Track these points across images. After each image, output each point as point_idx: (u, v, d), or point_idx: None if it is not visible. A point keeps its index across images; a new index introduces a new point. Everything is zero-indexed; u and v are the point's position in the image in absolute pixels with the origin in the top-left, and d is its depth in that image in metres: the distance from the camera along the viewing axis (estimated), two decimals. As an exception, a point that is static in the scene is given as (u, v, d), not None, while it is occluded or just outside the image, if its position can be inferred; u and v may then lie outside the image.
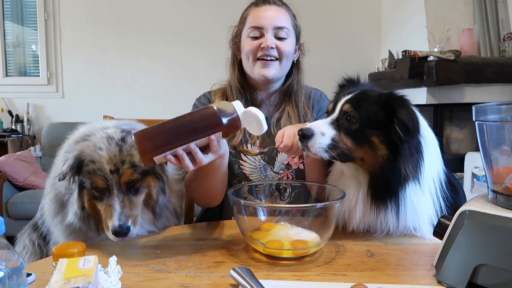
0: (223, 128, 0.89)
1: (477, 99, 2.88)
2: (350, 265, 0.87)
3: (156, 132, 0.88)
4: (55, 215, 1.07)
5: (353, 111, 0.94)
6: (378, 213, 0.96)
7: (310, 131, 0.95)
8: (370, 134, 0.93)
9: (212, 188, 1.16)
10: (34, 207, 2.03)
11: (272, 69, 1.24)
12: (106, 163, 0.95)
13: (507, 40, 3.21)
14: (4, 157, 3.19)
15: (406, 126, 0.89)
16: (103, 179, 0.94)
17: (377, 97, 0.96)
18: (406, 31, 3.66)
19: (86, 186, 0.97)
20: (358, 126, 0.94)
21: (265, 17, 1.22)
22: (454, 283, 0.74)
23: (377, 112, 0.93)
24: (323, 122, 0.98)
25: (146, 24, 4.07)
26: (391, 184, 0.93)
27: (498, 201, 0.76)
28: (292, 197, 1.25)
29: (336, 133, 0.96)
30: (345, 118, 0.96)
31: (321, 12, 3.97)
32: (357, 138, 0.94)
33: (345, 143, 0.95)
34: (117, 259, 0.75)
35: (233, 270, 0.75)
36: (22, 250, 1.29)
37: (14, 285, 0.52)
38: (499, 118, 0.77)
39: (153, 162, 0.89)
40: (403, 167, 0.92)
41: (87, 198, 0.98)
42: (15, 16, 4.17)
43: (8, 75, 4.17)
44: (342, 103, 0.97)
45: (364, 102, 0.96)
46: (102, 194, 0.96)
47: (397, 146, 0.91)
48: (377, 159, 0.93)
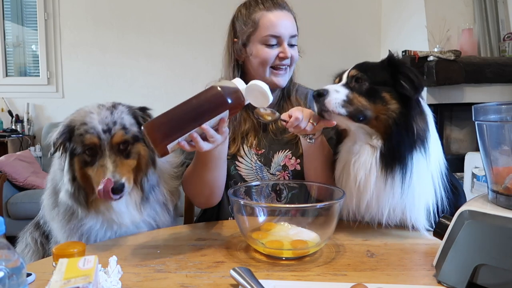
0: (230, 106, 0.89)
1: (477, 99, 2.88)
2: (350, 265, 0.87)
3: (165, 121, 0.88)
4: (53, 208, 1.08)
5: (361, 73, 1.00)
6: (387, 179, 0.97)
7: (325, 89, 0.98)
8: (381, 91, 0.98)
9: (211, 181, 1.16)
10: (34, 207, 2.03)
11: (284, 78, 1.26)
12: (98, 123, 0.97)
13: (507, 40, 3.21)
14: (4, 157, 3.19)
15: (411, 80, 0.96)
16: (96, 137, 0.96)
17: (379, 62, 1.04)
18: (406, 31, 3.66)
19: (77, 153, 0.98)
20: (368, 85, 0.99)
21: (282, 26, 1.20)
22: (454, 283, 0.74)
23: (383, 73, 1.00)
24: (335, 85, 1.01)
25: (146, 24, 4.07)
26: (403, 145, 0.96)
27: (498, 201, 0.76)
28: (289, 198, 1.25)
29: (349, 92, 0.99)
30: (354, 81, 1.01)
31: (321, 12, 3.97)
32: (369, 95, 0.98)
33: (359, 100, 0.98)
34: (117, 259, 0.75)
35: (233, 270, 0.75)
36: (24, 249, 1.29)
37: (14, 285, 0.52)
38: (499, 118, 0.78)
39: (167, 151, 0.88)
40: (414, 122, 0.96)
41: (78, 166, 0.99)
42: (15, 16, 4.17)
43: (8, 75, 4.17)
44: (347, 71, 1.03)
45: (368, 67, 1.02)
46: (93, 158, 0.97)
47: (407, 100, 0.97)
48: (390, 114, 0.97)
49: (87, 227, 1.05)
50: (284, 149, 1.29)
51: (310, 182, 1.15)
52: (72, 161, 1.00)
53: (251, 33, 1.23)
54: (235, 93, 0.90)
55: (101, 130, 0.97)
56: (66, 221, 1.06)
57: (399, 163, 0.96)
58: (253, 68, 1.27)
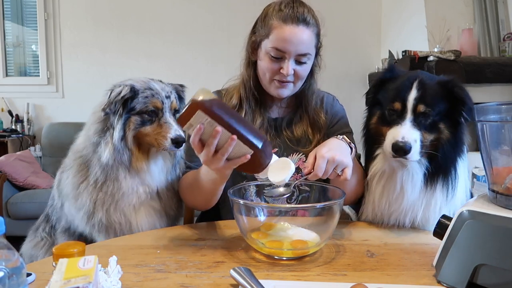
0: (256, 153, 0.90)
1: (477, 99, 2.84)
2: (350, 265, 0.87)
3: (221, 103, 0.96)
4: (80, 184, 1.13)
5: (428, 109, 1.00)
6: (433, 193, 1.04)
7: (408, 144, 0.97)
8: (439, 122, 1.02)
9: (207, 200, 1.16)
10: (34, 207, 2.05)
11: (287, 90, 1.24)
12: (161, 90, 1.13)
13: (507, 40, 3.21)
14: (4, 157, 3.19)
15: (471, 109, 0.99)
16: (160, 102, 1.10)
17: (440, 88, 1.03)
18: (406, 31, 3.66)
19: (136, 112, 1.09)
20: (431, 119, 1.02)
21: (290, 42, 1.15)
22: (454, 283, 0.74)
23: (444, 102, 1.02)
24: (408, 128, 1.00)
25: (146, 24, 4.06)
26: (450, 159, 1.03)
27: (498, 201, 0.76)
28: (299, 200, 1.24)
29: (420, 133, 1.00)
30: (421, 117, 1.01)
31: (321, 12, 3.96)
32: (431, 130, 1.02)
33: (426, 138, 1.01)
34: (117, 259, 0.75)
35: (233, 270, 0.75)
36: (39, 242, 1.31)
37: (14, 285, 0.52)
38: (499, 118, 0.78)
39: (191, 114, 0.86)
40: (464, 135, 1.04)
41: (132, 126, 1.09)
42: (15, 16, 4.17)
43: (8, 75, 4.17)
44: (412, 103, 1.00)
45: (432, 98, 1.02)
46: (153, 117, 1.10)
47: (457, 124, 1.02)
48: (442, 140, 1.02)
49: (122, 189, 1.11)
50: (298, 152, 1.28)
51: (321, 184, 1.11)
52: (127, 120, 1.09)
53: (263, 39, 1.20)
54: (268, 159, 0.92)
55: (164, 96, 1.12)
56: (99, 189, 1.11)
57: (445, 176, 1.03)
58: (259, 73, 1.26)
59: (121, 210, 1.12)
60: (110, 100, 1.07)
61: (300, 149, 1.29)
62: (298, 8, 1.17)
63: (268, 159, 0.92)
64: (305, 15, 1.17)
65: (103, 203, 1.11)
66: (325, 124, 1.31)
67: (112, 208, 1.11)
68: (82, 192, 1.12)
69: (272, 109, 1.33)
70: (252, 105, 1.28)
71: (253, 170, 0.95)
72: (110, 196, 1.11)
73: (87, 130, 1.15)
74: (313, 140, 1.28)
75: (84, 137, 1.17)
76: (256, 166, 0.93)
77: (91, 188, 1.11)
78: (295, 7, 1.17)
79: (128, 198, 1.12)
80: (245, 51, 1.30)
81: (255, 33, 1.26)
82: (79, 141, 1.19)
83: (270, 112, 1.32)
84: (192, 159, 1.25)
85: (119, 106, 1.08)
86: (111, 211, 1.11)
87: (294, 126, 1.30)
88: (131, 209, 1.14)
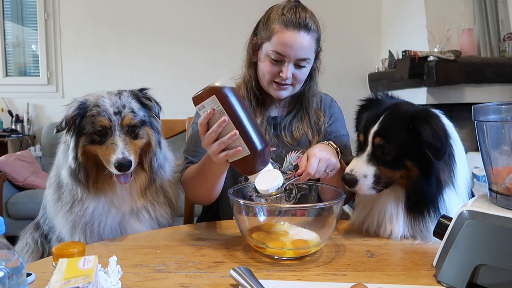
0: (254, 152, 0.92)
1: (477, 99, 2.87)
2: (350, 265, 0.87)
3: (240, 98, 0.96)
4: (56, 202, 1.10)
5: (385, 143, 0.96)
6: (419, 222, 0.98)
7: (353, 178, 0.97)
8: (404, 159, 0.96)
9: (209, 190, 1.17)
10: (34, 207, 2.04)
11: (286, 92, 1.26)
12: (109, 106, 1.04)
13: (507, 40, 3.21)
14: (4, 157, 3.19)
15: (434, 146, 0.90)
16: (107, 120, 1.03)
17: (403, 121, 0.96)
18: (406, 31, 3.66)
19: (87, 132, 1.04)
20: (393, 155, 0.96)
21: (290, 47, 1.16)
22: (454, 283, 0.74)
23: (407, 136, 0.95)
24: (362, 161, 0.99)
25: (146, 24, 4.06)
26: (429, 195, 0.96)
27: (498, 201, 0.76)
28: (297, 198, 1.25)
29: (376, 168, 0.97)
30: (379, 151, 0.98)
31: (321, 12, 3.96)
32: (394, 166, 0.97)
33: (385, 174, 0.98)
34: (117, 259, 0.75)
35: (233, 270, 0.75)
36: (24, 247, 1.30)
37: (14, 285, 0.52)
38: (499, 118, 0.78)
39: (206, 97, 0.91)
40: (440, 177, 0.95)
41: (82, 145, 1.04)
42: (15, 16, 4.17)
43: (8, 75, 4.17)
44: (372, 136, 0.98)
45: (393, 130, 0.97)
46: (102, 138, 1.03)
47: (430, 162, 0.93)
48: (413, 177, 0.97)
49: (90, 211, 1.07)
50: (297, 149, 1.29)
51: (320, 184, 1.15)
52: (78, 140, 1.05)
53: (264, 41, 1.22)
54: (262, 165, 0.94)
55: (113, 113, 1.04)
56: (70, 210, 1.08)
57: (428, 205, 0.96)
58: (259, 75, 1.28)
59: (97, 232, 1.08)
60: (65, 116, 1.04)
61: (299, 149, 1.29)
62: (300, 14, 1.18)
63: (262, 165, 0.94)
64: (306, 21, 1.18)
65: (77, 224, 1.07)
66: (325, 126, 1.33)
67: (88, 231, 1.08)
68: (59, 211, 1.10)
69: (271, 108, 1.34)
70: (253, 104, 1.30)
71: (245, 170, 0.97)
72: (81, 218, 1.07)
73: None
74: (312, 141, 1.29)
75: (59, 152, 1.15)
76: (249, 168, 0.95)
77: (64, 209, 1.08)
78: (297, 12, 1.18)
79: (102, 221, 1.08)
80: (246, 52, 1.31)
81: (256, 35, 1.27)
82: (58, 153, 1.15)
83: (269, 111, 1.33)
84: (196, 152, 1.27)
85: (70, 125, 1.04)
86: (88, 234, 1.08)
87: (294, 127, 1.31)
88: (109, 230, 1.09)
